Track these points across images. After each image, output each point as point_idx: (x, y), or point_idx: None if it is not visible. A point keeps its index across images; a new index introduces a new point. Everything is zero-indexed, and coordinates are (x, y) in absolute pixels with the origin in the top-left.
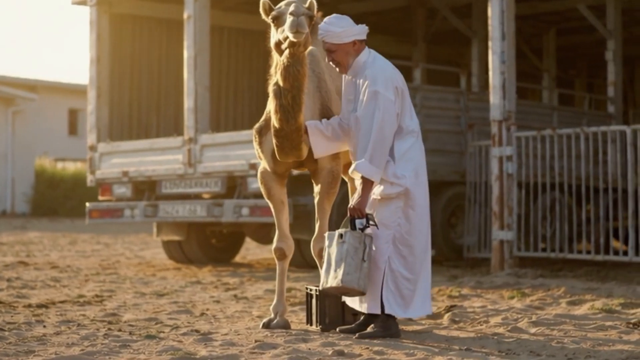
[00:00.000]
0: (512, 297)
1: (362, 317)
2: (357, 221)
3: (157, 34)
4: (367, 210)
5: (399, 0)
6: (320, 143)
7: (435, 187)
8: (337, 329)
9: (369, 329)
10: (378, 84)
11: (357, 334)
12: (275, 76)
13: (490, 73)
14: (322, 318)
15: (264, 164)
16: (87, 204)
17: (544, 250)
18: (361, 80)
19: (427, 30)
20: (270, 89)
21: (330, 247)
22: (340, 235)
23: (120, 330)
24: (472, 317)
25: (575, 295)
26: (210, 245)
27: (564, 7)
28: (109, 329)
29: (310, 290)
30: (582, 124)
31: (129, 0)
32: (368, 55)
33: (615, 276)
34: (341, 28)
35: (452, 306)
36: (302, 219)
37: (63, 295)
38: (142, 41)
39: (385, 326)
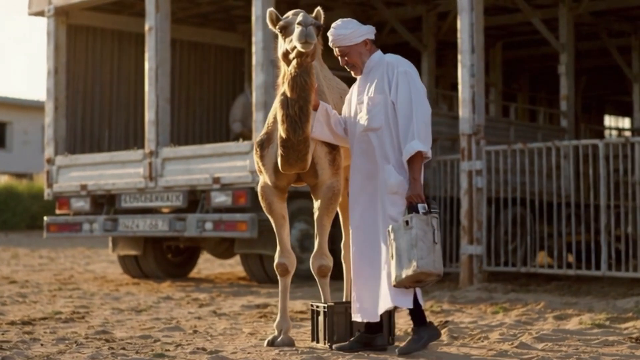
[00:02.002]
0: (496, 312)
1: (357, 334)
2: (420, 206)
3: (109, 45)
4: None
5: (346, 13)
6: (321, 126)
7: None
8: (334, 347)
9: (407, 343)
10: (405, 65)
11: (397, 350)
12: (283, 86)
13: (460, 87)
14: (330, 335)
15: (264, 178)
16: (45, 218)
17: (513, 265)
18: (382, 70)
19: (375, 43)
20: (278, 99)
21: (398, 238)
22: (406, 222)
23: (123, 349)
24: (468, 332)
25: (557, 310)
26: (166, 260)
27: (516, 20)
28: (110, 347)
29: (317, 307)
30: (537, 138)
31: (85, 12)
32: (381, 54)
33: (588, 290)
34: (350, 29)
35: (445, 322)
36: (266, 234)
37: (37, 311)
38: (94, 53)
39: (420, 335)
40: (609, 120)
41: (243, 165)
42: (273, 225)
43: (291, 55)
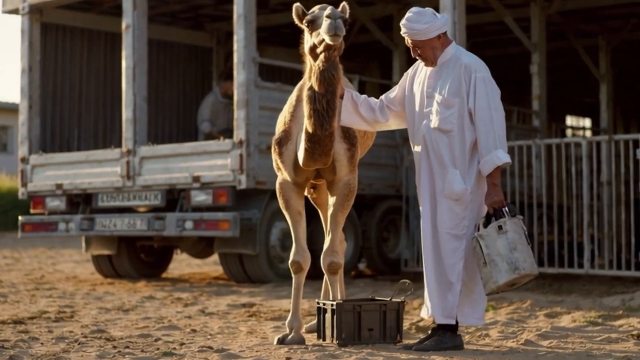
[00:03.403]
0: (486, 310)
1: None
2: (504, 210)
3: (79, 44)
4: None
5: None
6: (350, 113)
7: (371, 201)
8: (413, 348)
9: (428, 341)
10: (482, 70)
11: (413, 347)
12: (310, 81)
13: None
14: (338, 333)
15: (283, 175)
16: (20, 217)
17: None
18: (458, 72)
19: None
20: (305, 93)
21: (491, 243)
22: (499, 227)
23: (127, 347)
24: (464, 330)
25: (545, 308)
26: (140, 260)
27: (485, 20)
28: (114, 346)
29: (325, 304)
30: (510, 137)
31: (59, 10)
32: (456, 48)
33: (570, 289)
34: (425, 24)
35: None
36: (246, 234)
37: (23, 311)
38: (64, 51)
39: (444, 341)
40: (570, 121)
41: (224, 163)
42: (289, 221)
43: (319, 49)
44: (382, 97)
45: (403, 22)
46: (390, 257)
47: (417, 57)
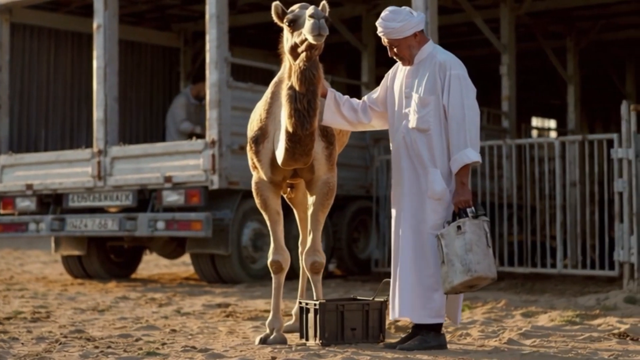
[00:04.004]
0: (462, 310)
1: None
2: (468, 210)
3: (46, 44)
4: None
5: None
6: (332, 113)
7: (341, 202)
8: (397, 347)
9: (412, 341)
10: (458, 67)
11: (397, 346)
12: (290, 80)
13: None
14: (321, 332)
15: (259, 174)
16: None
17: None
18: (433, 69)
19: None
20: (284, 93)
21: (450, 243)
22: (459, 227)
23: (109, 347)
24: (445, 330)
25: (520, 308)
26: (109, 260)
27: (453, 21)
28: (95, 346)
29: (307, 304)
30: (480, 138)
31: (27, 10)
32: (433, 46)
33: (543, 289)
34: (400, 22)
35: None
36: (218, 234)
37: None
38: (31, 52)
39: (427, 340)
40: (535, 122)
41: (196, 164)
42: (267, 221)
43: (300, 49)
44: (365, 97)
45: (379, 21)
46: (360, 257)
47: (394, 57)
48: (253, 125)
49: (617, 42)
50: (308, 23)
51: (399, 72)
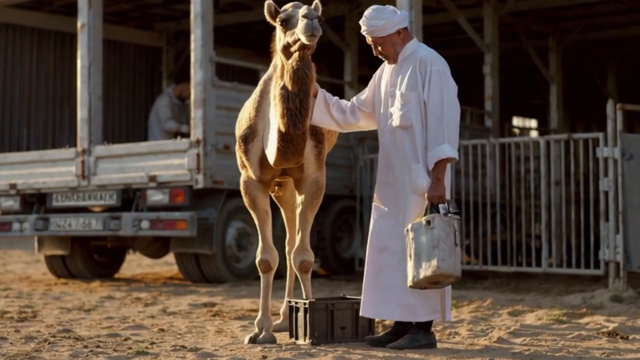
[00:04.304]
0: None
1: (393, 326)
2: (440, 206)
3: (28, 44)
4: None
5: (261, 13)
6: (321, 112)
7: (325, 201)
8: (366, 339)
9: (402, 339)
10: (439, 63)
11: (388, 345)
12: (282, 80)
13: None
14: (311, 331)
15: (247, 173)
16: None
17: None
18: (414, 65)
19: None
20: (277, 92)
21: (418, 237)
22: (428, 222)
23: (98, 347)
24: (433, 329)
25: (507, 307)
26: (93, 260)
27: (436, 21)
28: (85, 346)
29: (297, 303)
30: (464, 137)
31: (8, 9)
32: (417, 44)
33: (528, 288)
34: (383, 20)
35: None
36: (202, 233)
37: None
38: (14, 51)
39: (418, 339)
40: (516, 121)
41: (181, 163)
42: (255, 220)
43: (293, 48)
44: (353, 99)
45: (362, 19)
46: (344, 257)
47: (379, 55)
48: (242, 124)
49: (599, 42)
50: (301, 23)
51: (385, 72)
